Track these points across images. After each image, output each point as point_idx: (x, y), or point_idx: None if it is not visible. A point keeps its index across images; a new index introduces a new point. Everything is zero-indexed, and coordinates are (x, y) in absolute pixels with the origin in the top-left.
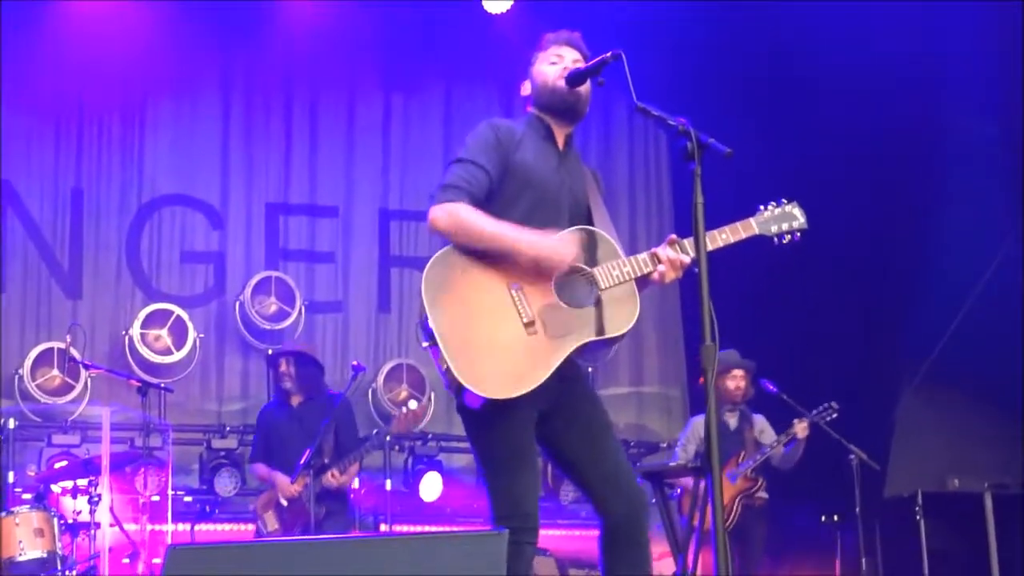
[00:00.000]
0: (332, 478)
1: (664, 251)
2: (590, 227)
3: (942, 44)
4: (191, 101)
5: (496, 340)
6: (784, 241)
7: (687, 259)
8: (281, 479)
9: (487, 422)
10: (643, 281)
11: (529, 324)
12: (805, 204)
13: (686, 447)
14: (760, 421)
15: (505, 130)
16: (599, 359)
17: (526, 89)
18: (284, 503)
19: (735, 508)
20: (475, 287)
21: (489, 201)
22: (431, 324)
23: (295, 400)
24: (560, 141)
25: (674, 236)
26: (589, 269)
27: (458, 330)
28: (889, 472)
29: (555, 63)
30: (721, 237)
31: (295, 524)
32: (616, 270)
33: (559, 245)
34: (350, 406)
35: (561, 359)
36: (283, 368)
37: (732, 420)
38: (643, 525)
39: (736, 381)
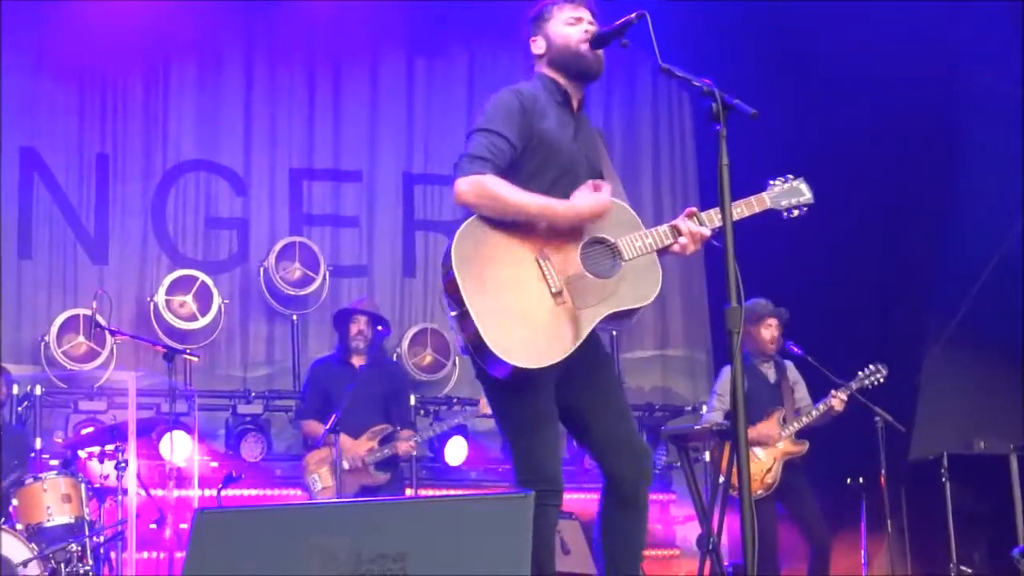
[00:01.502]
0: (409, 447)
1: (685, 224)
2: (615, 200)
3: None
4: (214, 66)
5: (526, 310)
6: (793, 215)
7: (707, 232)
8: (348, 442)
9: (510, 387)
10: (662, 251)
11: (557, 294)
12: (829, 169)
13: (722, 398)
14: (792, 370)
15: (529, 98)
16: (623, 326)
17: (539, 47)
18: (347, 465)
19: (778, 471)
20: (503, 257)
21: (512, 172)
22: (463, 295)
23: (357, 361)
24: (575, 105)
25: (693, 208)
26: (612, 240)
27: (489, 301)
28: (914, 434)
29: (574, 24)
30: (736, 211)
31: (353, 486)
32: (639, 241)
33: (593, 198)
34: (407, 373)
35: (588, 330)
36: (361, 327)
37: (770, 372)
38: (643, 491)
39: (771, 331)
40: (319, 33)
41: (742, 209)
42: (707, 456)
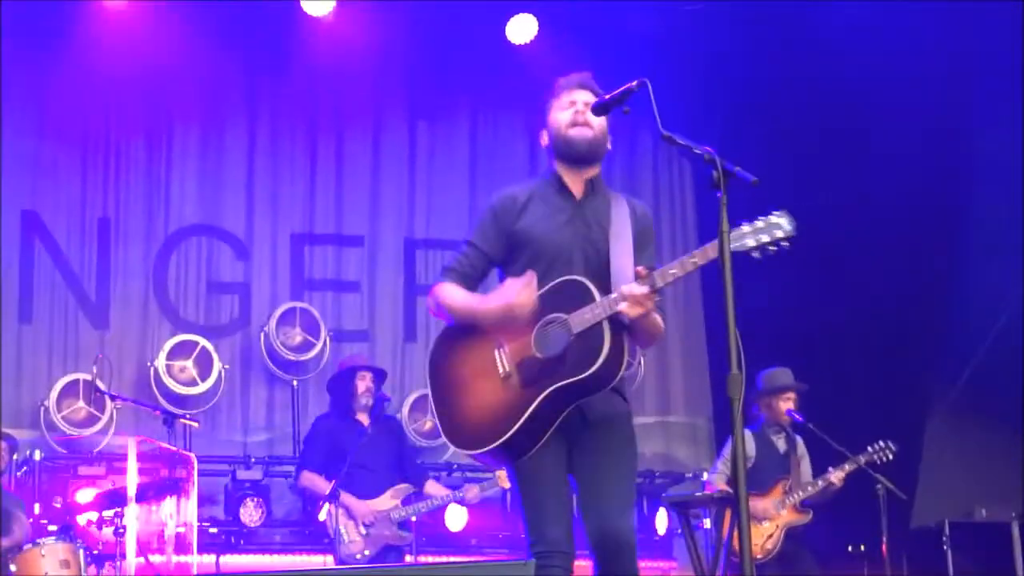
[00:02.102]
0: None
1: (627, 287)
2: (575, 278)
3: (970, 63)
4: (217, 131)
5: (478, 399)
6: (770, 252)
7: (643, 289)
8: (358, 504)
9: (513, 468)
10: (622, 321)
11: (506, 378)
12: (831, 228)
13: (727, 462)
14: (801, 444)
15: (505, 201)
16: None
17: (544, 139)
18: (363, 530)
19: (779, 537)
20: (466, 354)
21: (509, 270)
22: (431, 403)
23: (363, 419)
24: (578, 189)
25: (640, 268)
26: (565, 317)
27: (451, 401)
28: (916, 501)
29: (566, 108)
30: (691, 262)
31: (376, 546)
32: (588, 313)
33: (511, 293)
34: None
35: (532, 406)
36: (368, 383)
37: (780, 442)
38: (625, 568)
39: (789, 404)
40: (321, 98)
41: (697, 259)
42: (707, 523)
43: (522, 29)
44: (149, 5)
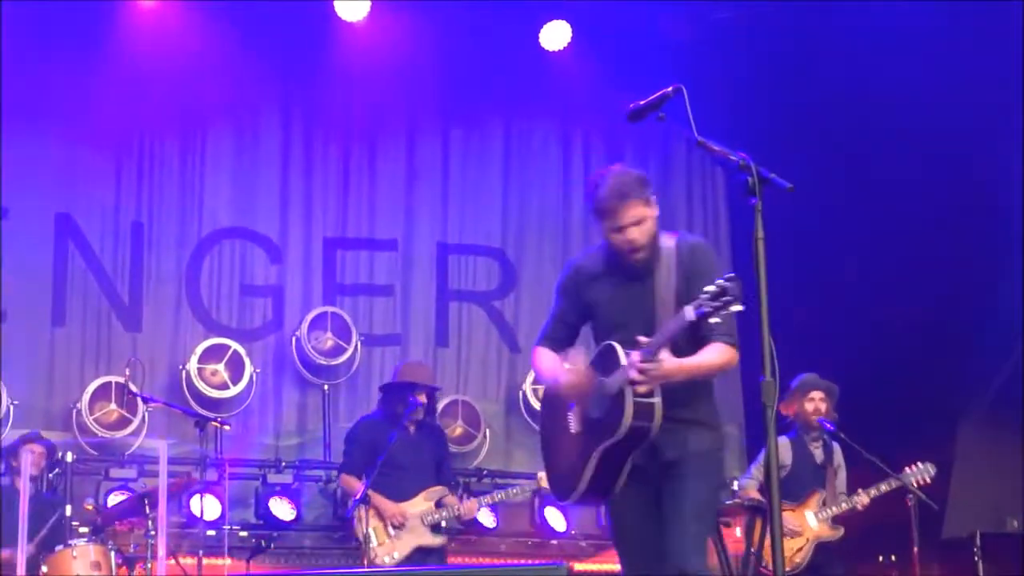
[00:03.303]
0: (472, 508)
1: (633, 355)
2: (610, 343)
3: (1007, 72)
4: (251, 135)
5: (559, 454)
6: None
7: (636, 359)
8: (388, 506)
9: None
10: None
11: (577, 435)
12: (863, 239)
13: (761, 468)
14: (838, 454)
15: (576, 271)
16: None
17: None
18: (392, 531)
19: (808, 551)
20: (555, 412)
21: (592, 332)
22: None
23: (411, 427)
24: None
25: (641, 337)
26: (606, 381)
27: (546, 451)
28: (947, 512)
29: (619, 235)
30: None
31: (407, 548)
32: (614, 380)
33: (563, 379)
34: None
35: (592, 464)
36: (423, 398)
37: (818, 452)
38: None
39: (815, 403)
40: (356, 102)
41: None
42: (738, 531)
43: (556, 36)
44: (183, 10)
